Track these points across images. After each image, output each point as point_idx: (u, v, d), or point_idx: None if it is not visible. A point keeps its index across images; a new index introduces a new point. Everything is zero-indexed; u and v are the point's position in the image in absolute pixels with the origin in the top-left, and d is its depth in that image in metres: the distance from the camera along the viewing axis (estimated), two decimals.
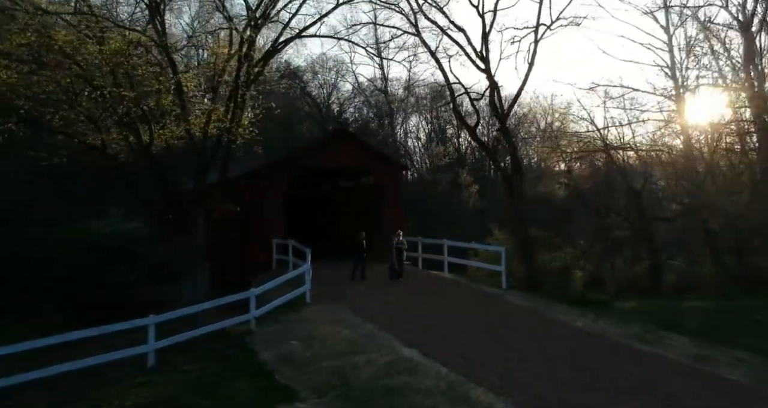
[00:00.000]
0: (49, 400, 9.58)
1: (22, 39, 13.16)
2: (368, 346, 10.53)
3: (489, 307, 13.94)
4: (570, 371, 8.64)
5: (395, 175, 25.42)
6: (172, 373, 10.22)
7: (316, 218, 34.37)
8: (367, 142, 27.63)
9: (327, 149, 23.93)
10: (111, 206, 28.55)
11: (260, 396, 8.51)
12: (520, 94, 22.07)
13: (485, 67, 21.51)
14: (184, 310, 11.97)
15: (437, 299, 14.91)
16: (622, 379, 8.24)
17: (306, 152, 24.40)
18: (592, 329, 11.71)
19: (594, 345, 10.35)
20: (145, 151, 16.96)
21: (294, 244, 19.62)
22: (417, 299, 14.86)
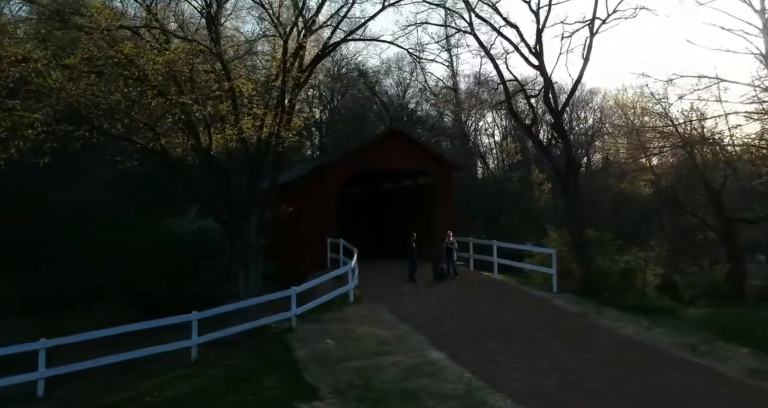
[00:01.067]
0: (102, 386, 10.30)
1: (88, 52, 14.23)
2: (398, 348, 10.52)
3: (533, 310, 13.47)
4: (602, 381, 8.19)
5: (448, 175, 25.10)
6: (211, 368, 10.70)
7: (372, 218, 34.75)
8: (420, 142, 27.47)
9: (380, 149, 23.98)
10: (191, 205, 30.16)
11: (284, 393, 8.73)
12: (575, 89, 21.11)
13: (539, 63, 20.76)
14: (226, 307, 12.51)
15: (479, 301, 14.59)
16: (656, 392, 7.70)
17: (360, 153, 24.59)
18: (641, 338, 11.03)
19: (637, 354, 9.73)
20: (204, 154, 17.82)
21: (344, 244, 19.91)
22: (459, 301, 14.63)
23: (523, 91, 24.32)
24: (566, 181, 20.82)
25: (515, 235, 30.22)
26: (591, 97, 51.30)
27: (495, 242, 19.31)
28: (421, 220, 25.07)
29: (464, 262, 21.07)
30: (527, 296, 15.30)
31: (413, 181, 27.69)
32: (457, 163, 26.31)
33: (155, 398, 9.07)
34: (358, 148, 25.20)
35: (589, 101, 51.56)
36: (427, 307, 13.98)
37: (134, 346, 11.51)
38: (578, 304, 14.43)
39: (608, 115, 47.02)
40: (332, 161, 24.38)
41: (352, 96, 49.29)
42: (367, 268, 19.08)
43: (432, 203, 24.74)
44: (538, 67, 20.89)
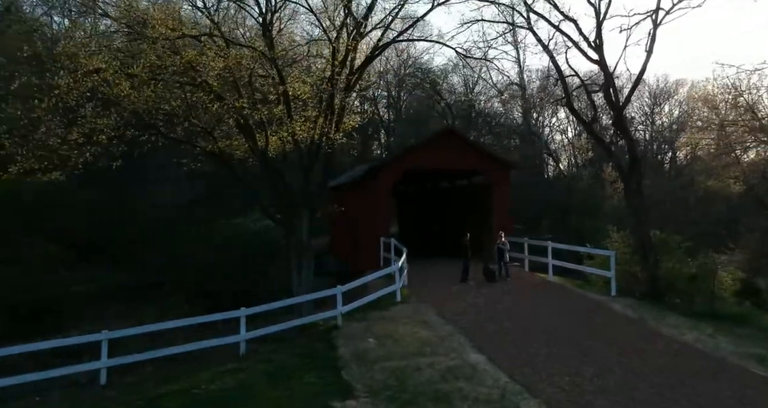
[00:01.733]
0: (156, 377, 10.93)
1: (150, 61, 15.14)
2: (438, 349, 10.41)
3: (584, 314, 12.90)
4: (648, 390, 7.73)
5: (503, 175, 24.55)
6: (257, 363, 11.06)
7: (427, 217, 34.65)
8: (474, 142, 27.10)
9: (433, 150, 23.82)
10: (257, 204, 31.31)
11: (321, 390, 8.88)
12: (638, 83, 19.99)
13: (599, 57, 19.85)
14: (274, 304, 12.85)
15: (530, 304, 14.15)
16: (706, 404, 7.15)
17: (412, 153, 24.57)
18: (702, 346, 10.31)
19: (693, 363, 9.09)
20: (260, 155, 18.46)
21: (395, 244, 19.95)
22: (506, 303, 14.26)
23: (583, 87, 23.37)
24: (629, 179, 19.80)
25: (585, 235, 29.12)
26: (676, 88, 48.47)
27: (549, 243, 18.68)
28: (476, 219, 24.73)
29: (519, 264, 20.58)
30: (581, 299, 14.66)
31: (469, 181, 27.38)
32: (511, 162, 25.69)
33: (202, 391, 9.50)
34: (411, 148, 25.18)
35: (674, 93, 48.72)
36: (474, 308, 13.72)
37: (199, 338, 12.19)
38: (638, 308, 13.69)
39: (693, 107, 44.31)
40: (384, 162, 24.55)
41: (417, 96, 49.32)
42: (419, 268, 19.18)
43: (487, 203, 24.33)
44: (598, 62, 19.98)
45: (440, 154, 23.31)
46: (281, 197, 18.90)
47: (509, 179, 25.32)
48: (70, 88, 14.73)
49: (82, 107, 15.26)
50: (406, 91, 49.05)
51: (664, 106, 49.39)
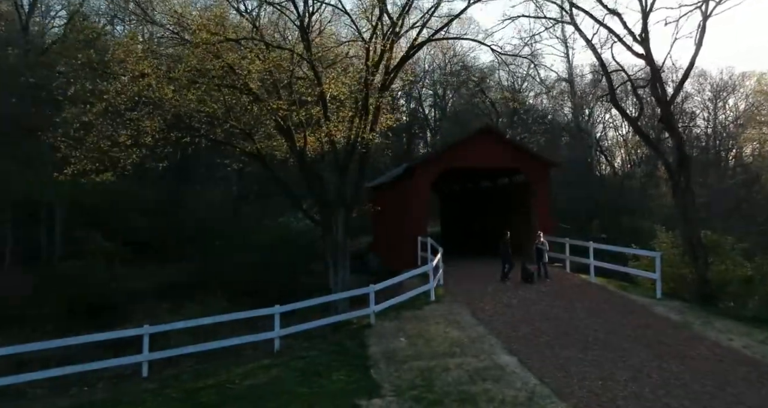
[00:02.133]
0: (195, 371, 11.29)
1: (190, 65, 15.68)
2: (468, 350, 10.30)
3: (626, 317, 12.43)
4: (685, 396, 7.39)
5: (543, 173, 23.99)
6: (290, 359, 11.24)
7: (468, 216, 34.32)
8: (512, 140, 26.64)
9: (470, 148, 23.53)
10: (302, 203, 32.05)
11: (348, 389, 8.96)
12: (686, 78, 19.10)
13: (645, 51, 19.12)
14: (307, 301, 13.04)
15: (567, 305, 13.76)
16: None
17: (449, 152, 24.37)
18: (751, 352, 9.75)
19: (739, 370, 8.62)
20: (297, 156, 18.80)
21: (431, 243, 19.84)
22: (543, 304, 13.92)
23: (629, 82, 22.59)
24: (677, 177, 18.98)
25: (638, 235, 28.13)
26: (742, 81, 46.06)
27: (591, 243, 18.10)
28: (517, 219, 24.34)
29: (561, 264, 20.08)
30: (622, 302, 14.14)
31: (510, 180, 26.93)
32: (552, 161, 25.04)
33: (236, 386, 9.76)
34: (448, 147, 25.01)
35: (739, 86, 46.31)
36: (509, 309, 13.48)
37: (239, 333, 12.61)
38: (683, 312, 13.09)
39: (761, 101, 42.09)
40: (421, 161, 24.42)
41: (463, 94, 48.93)
42: (458, 268, 19.12)
43: (527, 202, 23.89)
44: (644, 56, 19.27)
45: (478, 153, 23.06)
46: (318, 197, 19.20)
47: (550, 178, 24.75)
48: (118, 93, 15.45)
49: (130, 111, 15.92)
50: (452, 89, 48.65)
51: (728, 99, 46.90)
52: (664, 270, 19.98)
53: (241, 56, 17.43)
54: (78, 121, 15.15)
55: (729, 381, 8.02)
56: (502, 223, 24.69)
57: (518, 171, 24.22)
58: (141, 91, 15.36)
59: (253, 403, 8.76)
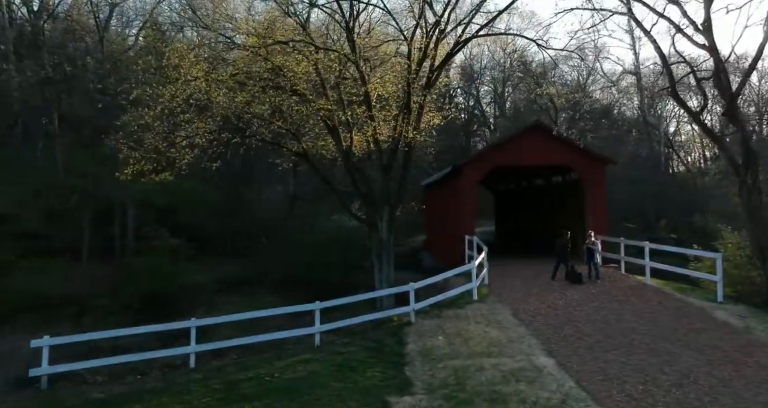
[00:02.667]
0: (238, 364, 11.69)
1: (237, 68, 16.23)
2: (506, 350, 10.10)
3: (679, 320, 11.77)
4: (733, 405, 6.93)
5: (597, 171, 23.08)
6: (328, 355, 11.43)
7: (520, 215, 33.64)
8: (563, 136, 25.81)
9: (521, 145, 22.96)
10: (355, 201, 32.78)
11: (380, 385, 9.01)
12: (753, 69, 17.83)
13: (708, 41, 18.01)
14: (346, 298, 13.21)
15: (615, 307, 13.20)
16: None
17: (498, 149, 23.96)
18: None
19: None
20: (343, 155, 19.04)
21: (477, 242, 19.58)
22: (589, 305, 13.41)
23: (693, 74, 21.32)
24: (743, 175, 17.76)
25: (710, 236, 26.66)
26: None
27: (647, 243, 17.27)
28: (570, 218, 23.64)
29: (617, 265, 19.31)
30: (678, 305, 13.40)
31: (563, 178, 26.15)
32: (607, 158, 24.06)
33: (275, 379, 10.03)
34: (496, 144, 24.61)
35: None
36: (553, 310, 13.10)
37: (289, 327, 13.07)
38: (746, 317, 12.25)
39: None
40: (469, 159, 24.14)
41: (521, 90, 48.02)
42: (507, 266, 19.16)
43: (581, 201, 23.13)
44: (706, 47, 18.15)
45: (527, 151, 22.50)
46: (363, 196, 19.37)
47: (605, 176, 23.82)
48: (173, 96, 16.21)
49: (184, 113, 16.63)
50: (511, 85, 47.74)
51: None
52: (730, 273, 18.81)
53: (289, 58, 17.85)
54: (136, 124, 16.02)
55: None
56: (556, 222, 24.07)
57: (571, 169, 23.47)
58: (192, 94, 16.03)
59: (289, 395, 8.97)
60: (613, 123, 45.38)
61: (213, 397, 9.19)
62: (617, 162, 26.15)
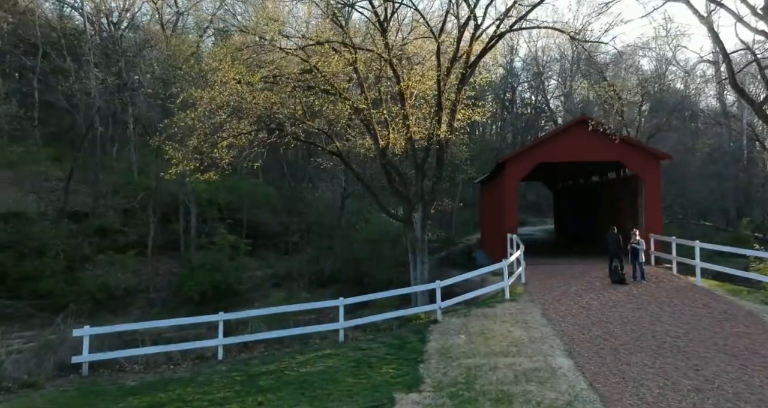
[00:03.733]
0: (263, 357, 12.00)
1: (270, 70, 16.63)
2: (525, 350, 9.80)
3: (721, 324, 10.99)
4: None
5: (651, 167, 21.86)
6: (350, 350, 11.52)
7: (576, 213, 32.62)
8: (614, 131, 24.62)
9: (568, 140, 22.08)
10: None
11: (392, 381, 8.99)
12: None
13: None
14: (370, 295, 13.28)
15: (654, 309, 12.48)
16: None
17: (543, 145, 23.19)
18: None
19: None
20: (379, 153, 19.11)
21: (516, 240, 19.13)
22: (625, 307, 12.74)
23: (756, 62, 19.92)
24: None
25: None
26: None
27: (697, 243, 16.20)
28: (623, 215, 22.74)
29: (669, 265, 18.32)
30: (726, 308, 12.49)
31: (618, 174, 25.04)
32: (661, 153, 22.75)
33: (293, 373, 10.24)
34: (541, 140, 23.82)
35: None
36: (585, 311, 12.57)
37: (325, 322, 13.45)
38: None
39: None
40: (511, 155, 23.49)
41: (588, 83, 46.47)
42: (550, 265, 19.04)
43: (634, 198, 22.13)
44: (766, 33, 16.93)
45: (574, 146, 21.69)
46: (398, 193, 19.35)
47: (659, 171, 22.59)
48: (212, 98, 16.87)
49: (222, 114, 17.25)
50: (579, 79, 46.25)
51: None
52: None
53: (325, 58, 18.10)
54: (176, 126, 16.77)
55: None
56: (610, 220, 23.12)
57: (623, 164, 22.39)
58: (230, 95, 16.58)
59: (302, 389, 9.13)
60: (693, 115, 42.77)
61: (232, 389, 9.50)
62: (671, 157, 24.63)
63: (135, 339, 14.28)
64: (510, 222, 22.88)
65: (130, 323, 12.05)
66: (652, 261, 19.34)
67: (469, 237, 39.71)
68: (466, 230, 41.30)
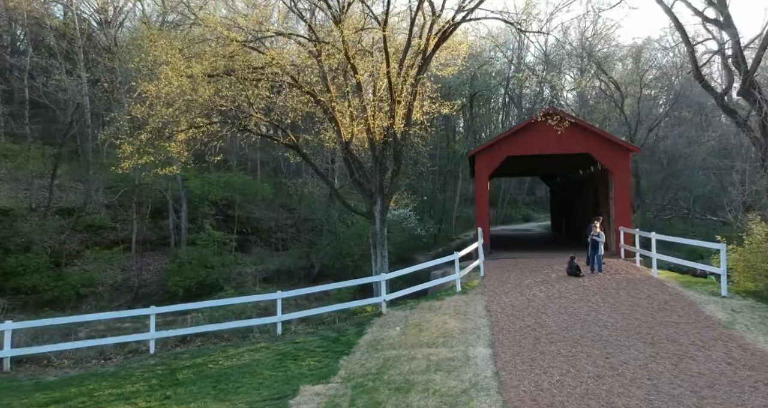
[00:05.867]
0: (195, 351, 11.75)
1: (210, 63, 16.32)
2: (451, 341, 9.62)
3: (656, 314, 10.81)
4: (642, 398, 6.20)
5: (622, 159, 21.66)
6: (283, 344, 11.33)
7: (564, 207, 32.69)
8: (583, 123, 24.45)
9: (537, 133, 21.76)
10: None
11: (307, 374, 8.83)
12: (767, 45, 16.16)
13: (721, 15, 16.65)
14: (304, 289, 13.15)
15: (597, 300, 12.28)
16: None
17: (512, 138, 22.87)
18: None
19: (742, 374, 7.04)
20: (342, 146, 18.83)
21: (480, 233, 18.92)
22: (573, 298, 12.54)
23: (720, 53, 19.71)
24: (764, 156, 16.22)
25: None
26: None
27: (653, 234, 16.04)
28: (600, 209, 22.63)
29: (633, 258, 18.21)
30: (669, 299, 12.30)
31: (594, 168, 24.86)
32: (630, 146, 22.57)
33: (216, 366, 10.04)
34: (509, 132, 23.51)
35: None
36: (529, 302, 12.37)
37: None
38: (741, 312, 11.13)
39: None
40: (481, 148, 23.25)
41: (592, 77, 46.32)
42: (516, 259, 19.24)
43: (607, 190, 22.06)
44: (717, 22, 16.80)
45: (544, 139, 21.38)
46: (360, 187, 19.09)
47: (629, 164, 22.45)
48: (158, 93, 16.47)
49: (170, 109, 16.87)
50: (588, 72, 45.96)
51: None
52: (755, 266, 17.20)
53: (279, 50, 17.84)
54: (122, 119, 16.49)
55: (718, 384, 6.59)
56: (591, 213, 22.95)
57: (592, 157, 22.15)
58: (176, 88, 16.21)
59: (217, 382, 8.95)
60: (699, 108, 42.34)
61: (147, 383, 9.30)
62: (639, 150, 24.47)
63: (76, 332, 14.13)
64: (480, 215, 22.67)
65: (61, 317, 11.79)
66: (622, 254, 19.19)
67: (468, 232, 39.44)
68: (469, 226, 41.10)
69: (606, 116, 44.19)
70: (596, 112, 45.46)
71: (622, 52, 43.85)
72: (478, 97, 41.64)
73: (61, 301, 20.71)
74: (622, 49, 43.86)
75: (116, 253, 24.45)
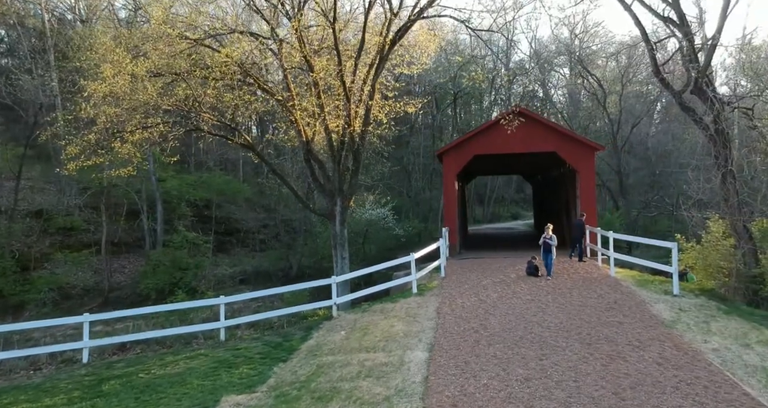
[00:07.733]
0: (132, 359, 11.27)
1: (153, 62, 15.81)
2: (392, 345, 9.32)
3: (600, 315, 10.62)
4: (562, 401, 5.94)
5: (587, 158, 21.64)
6: (224, 350, 10.91)
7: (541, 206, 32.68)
8: (548, 122, 24.42)
9: (504, 132, 21.53)
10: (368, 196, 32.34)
11: (236, 382, 8.45)
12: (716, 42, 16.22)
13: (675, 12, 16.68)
14: (249, 294, 12.73)
15: (547, 301, 12.10)
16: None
17: (479, 137, 22.64)
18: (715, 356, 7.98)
19: (668, 374, 6.86)
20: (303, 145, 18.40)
21: (445, 233, 18.70)
22: (525, 299, 12.34)
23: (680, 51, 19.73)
24: (717, 155, 16.28)
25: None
26: None
27: (611, 233, 15.97)
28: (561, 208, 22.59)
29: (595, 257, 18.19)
30: (620, 298, 12.19)
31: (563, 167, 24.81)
32: (595, 144, 22.55)
33: (146, 375, 9.58)
34: (476, 131, 23.34)
35: None
36: (481, 303, 12.15)
37: None
38: (688, 311, 11.06)
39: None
40: (448, 147, 23.03)
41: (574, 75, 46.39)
42: (482, 259, 19.22)
43: (572, 188, 22.08)
44: (669, 20, 16.83)
45: (510, 138, 21.13)
46: (321, 187, 18.73)
47: (593, 162, 22.44)
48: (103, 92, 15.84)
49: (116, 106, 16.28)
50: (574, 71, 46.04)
51: None
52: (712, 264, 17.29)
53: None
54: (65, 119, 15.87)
55: (642, 385, 6.39)
56: (561, 212, 22.85)
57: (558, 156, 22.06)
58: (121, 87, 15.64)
59: (142, 393, 8.52)
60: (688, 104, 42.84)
61: (69, 395, 8.81)
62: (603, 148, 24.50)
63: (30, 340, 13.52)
64: (448, 215, 22.43)
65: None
66: (587, 252, 19.11)
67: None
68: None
69: (591, 114, 44.49)
70: (584, 109, 45.73)
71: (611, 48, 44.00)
72: (464, 95, 41.58)
73: (29, 306, 20.05)
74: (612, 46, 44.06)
75: (87, 256, 23.80)
